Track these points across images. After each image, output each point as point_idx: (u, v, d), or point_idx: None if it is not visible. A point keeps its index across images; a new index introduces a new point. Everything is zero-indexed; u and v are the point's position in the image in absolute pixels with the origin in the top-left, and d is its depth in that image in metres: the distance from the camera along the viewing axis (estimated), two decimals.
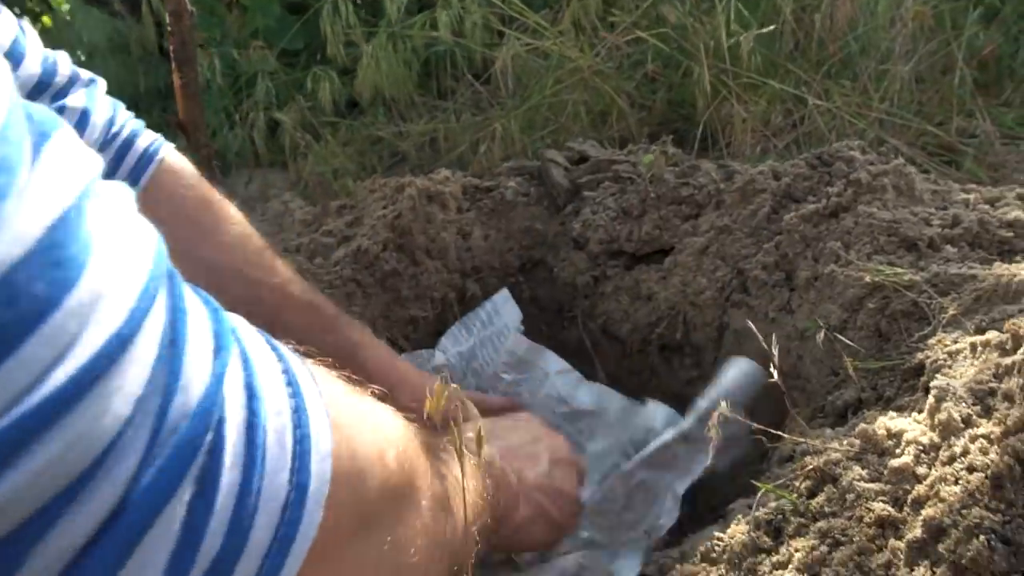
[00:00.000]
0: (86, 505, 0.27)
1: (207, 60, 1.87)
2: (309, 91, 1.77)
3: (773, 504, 0.69)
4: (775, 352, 0.64)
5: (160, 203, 0.78)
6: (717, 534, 0.72)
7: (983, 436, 0.56)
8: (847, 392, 0.85)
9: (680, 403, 1.25)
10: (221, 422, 0.31)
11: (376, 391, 0.49)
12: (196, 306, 0.34)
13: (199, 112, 1.24)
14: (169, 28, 1.23)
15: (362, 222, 1.44)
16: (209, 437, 0.31)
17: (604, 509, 0.91)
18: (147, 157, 0.80)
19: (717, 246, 1.18)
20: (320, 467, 0.36)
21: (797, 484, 0.70)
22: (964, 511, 0.51)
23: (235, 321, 0.37)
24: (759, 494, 0.70)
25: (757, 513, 0.69)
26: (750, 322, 1.07)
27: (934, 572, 0.50)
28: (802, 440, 0.72)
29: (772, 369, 0.68)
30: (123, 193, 0.33)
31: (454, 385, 1.06)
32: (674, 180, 1.28)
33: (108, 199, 0.31)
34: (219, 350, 0.33)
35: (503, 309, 1.32)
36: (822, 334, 0.79)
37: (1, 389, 0.25)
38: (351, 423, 0.42)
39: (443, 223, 1.37)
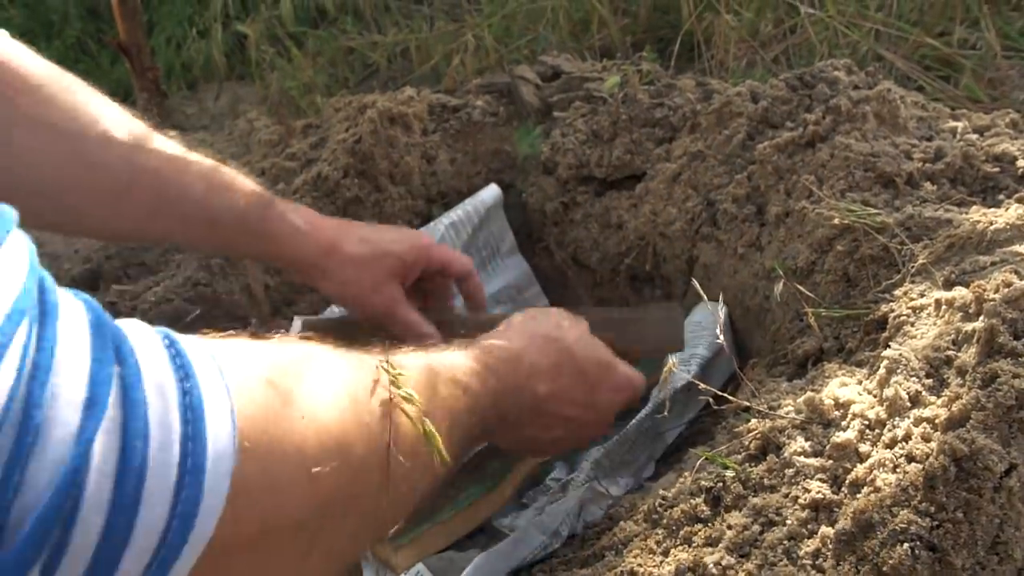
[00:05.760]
0: None
1: None
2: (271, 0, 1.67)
3: (715, 471, 0.66)
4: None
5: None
6: (663, 493, 0.69)
7: (927, 420, 0.51)
8: (808, 341, 0.80)
9: None
10: (81, 489, 0.31)
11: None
12: (71, 340, 0.32)
13: (141, 33, 1.15)
14: None
15: (327, 144, 1.38)
16: (67, 507, 0.31)
17: (611, 451, 0.87)
18: None
19: (689, 174, 1.11)
20: (213, 496, 0.35)
21: (744, 444, 0.66)
22: (895, 509, 0.47)
23: (124, 332, 0.35)
24: (699, 460, 0.66)
25: (699, 477, 0.66)
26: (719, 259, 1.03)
27: (858, 571, 0.47)
28: (749, 404, 0.68)
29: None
30: None
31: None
32: (648, 101, 1.20)
33: None
34: (92, 403, 0.31)
35: (493, 214, 1.24)
36: (781, 285, 0.74)
37: None
38: (265, 430, 0.39)
39: (406, 147, 1.29)
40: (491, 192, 1.25)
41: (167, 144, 0.78)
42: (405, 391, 0.48)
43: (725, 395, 0.69)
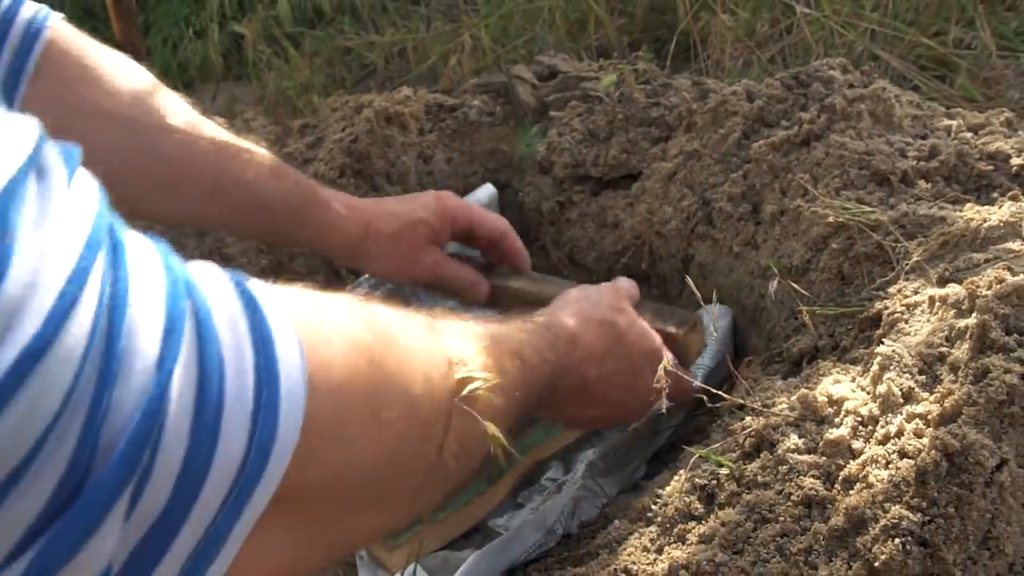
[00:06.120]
0: (19, 501, 0.27)
1: None
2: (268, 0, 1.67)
3: (710, 468, 0.66)
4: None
5: (62, 83, 0.68)
6: (657, 491, 0.69)
7: (920, 416, 0.51)
8: (803, 340, 0.80)
9: None
10: (164, 416, 0.31)
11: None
12: (144, 273, 0.32)
13: (137, 33, 1.15)
14: None
15: (323, 144, 1.38)
16: (154, 432, 0.31)
17: (606, 454, 0.87)
18: (32, 33, 0.66)
19: (685, 172, 1.11)
20: (288, 427, 0.35)
21: (738, 442, 0.66)
22: (887, 505, 0.47)
23: (191, 271, 0.35)
24: (693, 458, 0.66)
25: (694, 474, 0.66)
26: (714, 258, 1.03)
27: (850, 566, 0.47)
28: (743, 401, 0.68)
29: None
30: (62, 161, 0.31)
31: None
32: (644, 100, 1.20)
33: (47, 171, 0.30)
34: (170, 331, 0.32)
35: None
36: (776, 283, 0.74)
37: None
38: (333, 370, 0.39)
39: (403, 146, 1.30)
40: (487, 191, 1.25)
41: (219, 131, 0.80)
42: (472, 367, 0.48)
43: (720, 393, 0.69)
